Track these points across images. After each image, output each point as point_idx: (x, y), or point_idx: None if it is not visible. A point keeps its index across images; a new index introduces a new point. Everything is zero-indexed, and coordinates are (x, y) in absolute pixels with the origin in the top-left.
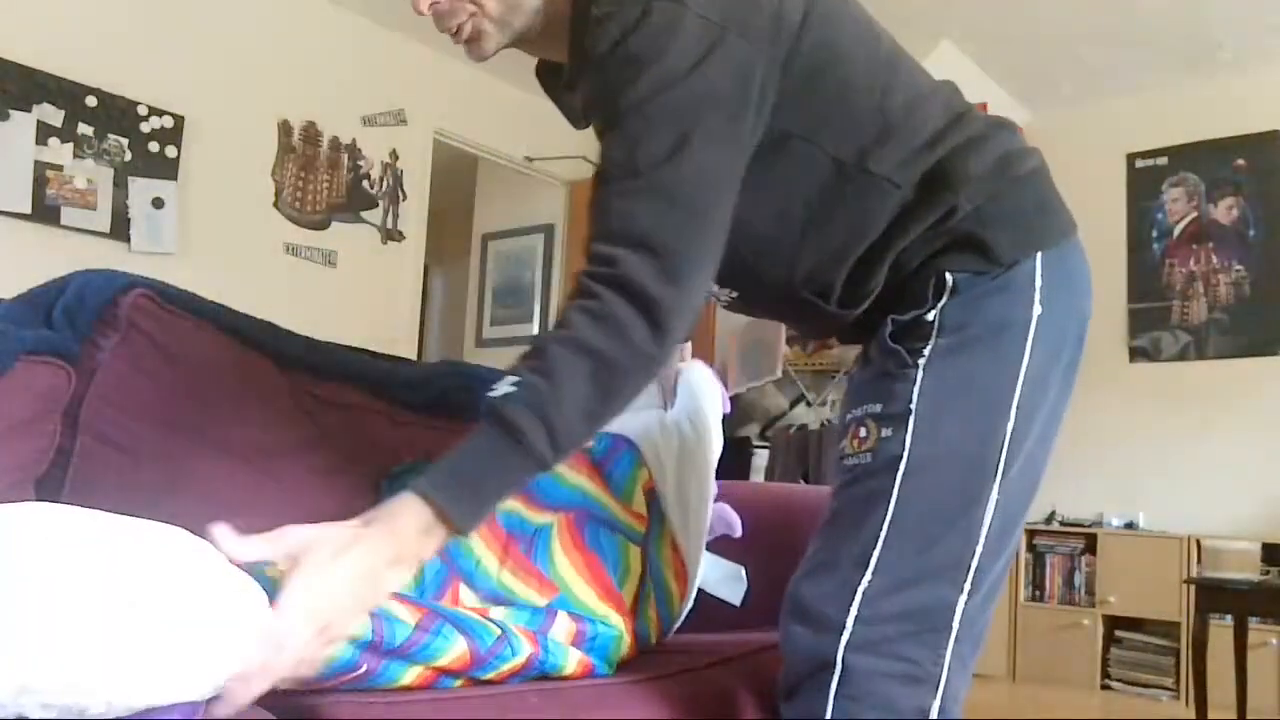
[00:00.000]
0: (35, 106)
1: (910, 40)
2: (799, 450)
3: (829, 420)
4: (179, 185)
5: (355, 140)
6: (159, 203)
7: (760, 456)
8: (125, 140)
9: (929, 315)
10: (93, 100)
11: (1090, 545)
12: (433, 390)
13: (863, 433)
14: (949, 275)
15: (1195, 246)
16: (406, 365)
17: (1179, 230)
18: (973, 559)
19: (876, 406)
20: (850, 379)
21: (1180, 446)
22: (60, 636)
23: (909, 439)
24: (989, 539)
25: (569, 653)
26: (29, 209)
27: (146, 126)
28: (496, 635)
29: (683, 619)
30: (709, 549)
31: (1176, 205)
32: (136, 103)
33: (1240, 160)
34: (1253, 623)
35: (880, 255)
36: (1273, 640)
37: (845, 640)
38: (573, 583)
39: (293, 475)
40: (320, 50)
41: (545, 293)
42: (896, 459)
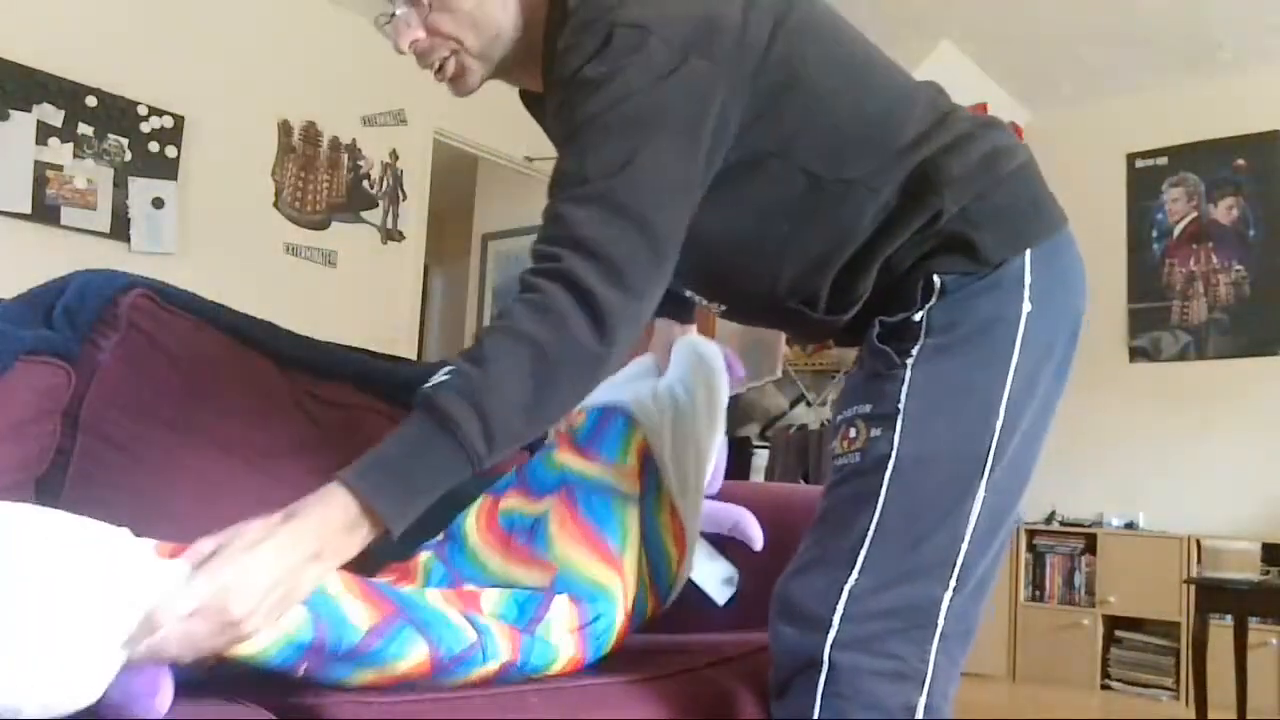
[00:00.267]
0: (35, 106)
1: (910, 40)
2: (799, 450)
3: (829, 420)
4: (179, 185)
5: (355, 140)
6: (159, 203)
7: (760, 456)
8: (125, 140)
9: (916, 316)
10: (93, 100)
11: (1090, 545)
12: None
13: (852, 433)
14: (937, 277)
15: (1195, 246)
16: (406, 365)
17: (1179, 230)
18: (959, 556)
19: (866, 407)
20: (846, 380)
21: (1180, 446)
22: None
23: (897, 439)
24: (976, 535)
25: (558, 649)
26: (29, 209)
27: (146, 126)
28: (469, 641)
29: (681, 587)
30: (717, 547)
31: (1176, 205)
32: (136, 103)
33: (1240, 160)
34: (1253, 623)
35: (867, 261)
36: (1273, 640)
37: (832, 638)
38: (572, 557)
39: (293, 475)
40: (320, 50)
41: None
42: (885, 459)
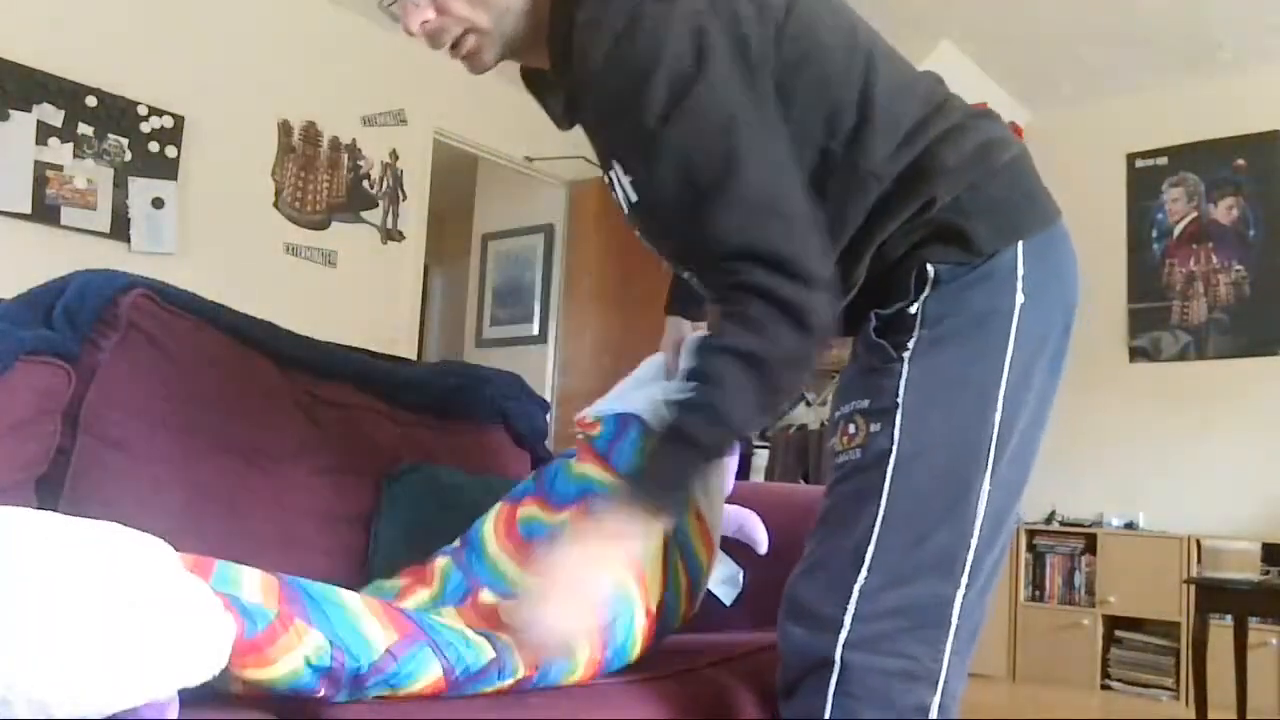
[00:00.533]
0: (35, 106)
1: (910, 40)
2: (799, 450)
3: (828, 420)
4: (179, 185)
5: (355, 140)
6: (159, 203)
7: (760, 457)
8: (125, 140)
9: (911, 308)
10: (93, 100)
11: (1090, 545)
12: (433, 390)
13: (851, 429)
14: (930, 266)
15: (1195, 246)
16: (406, 365)
17: (1179, 230)
18: (967, 552)
19: (864, 402)
20: (840, 376)
21: (1180, 446)
22: (31, 637)
23: (897, 433)
24: (983, 531)
25: (577, 658)
26: (29, 209)
27: (146, 126)
28: (488, 659)
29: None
30: (721, 548)
31: (1176, 205)
32: (136, 103)
33: (1240, 160)
34: (1253, 623)
35: (861, 248)
36: (1273, 640)
37: (843, 638)
38: None
39: (293, 475)
40: (320, 50)
41: (545, 293)
42: (885, 454)
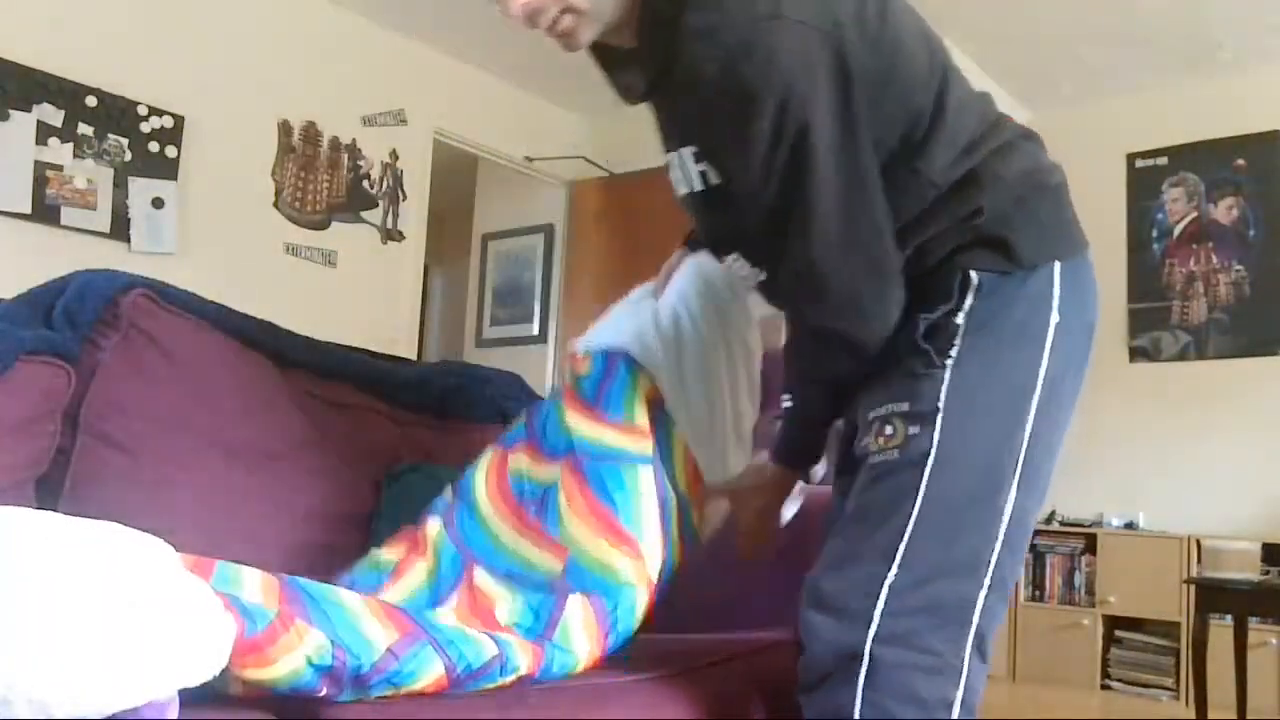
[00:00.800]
0: (35, 106)
1: None
2: None
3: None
4: (179, 185)
5: (355, 140)
6: (159, 203)
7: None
8: (125, 140)
9: (958, 318)
10: (93, 100)
11: (1090, 545)
12: (433, 390)
13: (889, 430)
14: (974, 274)
15: (1195, 246)
16: (406, 365)
17: (1179, 230)
18: (992, 555)
19: (904, 405)
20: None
21: (1180, 446)
22: (31, 637)
23: (937, 436)
24: (1008, 535)
25: (578, 655)
26: (29, 209)
27: (146, 126)
28: (489, 656)
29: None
30: None
31: (1176, 205)
32: (136, 103)
33: (1240, 160)
34: (1253, 623)
35: (902, 245)
36: (1273, 640)
37: (873, 633)
38: (582, 539)
39: (293, 475)
40: (320, 50)
41: (545, 293)
42: (925, 455)
